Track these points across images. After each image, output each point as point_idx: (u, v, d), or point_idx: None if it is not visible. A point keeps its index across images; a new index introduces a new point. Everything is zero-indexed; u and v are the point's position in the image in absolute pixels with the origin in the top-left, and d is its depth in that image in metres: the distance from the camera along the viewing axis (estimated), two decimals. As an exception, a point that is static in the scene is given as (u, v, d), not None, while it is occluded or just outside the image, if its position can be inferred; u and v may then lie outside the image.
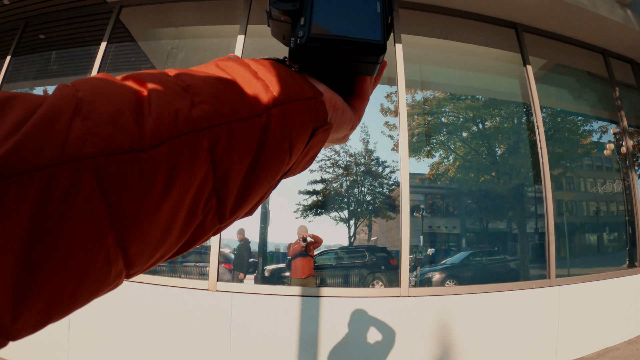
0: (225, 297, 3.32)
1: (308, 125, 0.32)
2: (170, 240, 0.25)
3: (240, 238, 4.29)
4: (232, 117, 0.26)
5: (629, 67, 5.71)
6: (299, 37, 0.33)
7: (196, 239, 0.28)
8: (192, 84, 0.26)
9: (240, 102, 0.28)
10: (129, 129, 0.22)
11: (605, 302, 4.17)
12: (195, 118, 0.25)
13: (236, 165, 0.27)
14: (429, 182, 4.50)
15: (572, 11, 4.66)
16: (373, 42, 0.33)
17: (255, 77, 0.30)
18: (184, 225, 0.25)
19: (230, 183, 0.27)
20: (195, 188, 0.25)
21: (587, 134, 5.36)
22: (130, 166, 0.21)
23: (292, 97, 0.31)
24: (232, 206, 0.28)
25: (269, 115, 0.29)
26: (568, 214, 4.70)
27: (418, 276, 4.18)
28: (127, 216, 0.21)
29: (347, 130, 0.40)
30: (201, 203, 0.25)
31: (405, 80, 3.96)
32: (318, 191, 4.34)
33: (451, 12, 4.52)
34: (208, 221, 0.27)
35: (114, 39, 4.47)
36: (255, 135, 0.28)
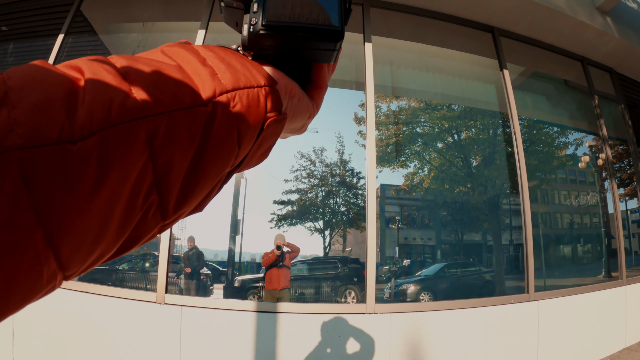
0: (174, 311, 3.11)
1: (259, 114, 0.30)
2: (108, 239, 0.23)
3: (190, 245, 4.17)
4: (173, 105, 0.25)
5: (607, 76, 5.71)
6: (251, 24, 0.32)
7: (138, 238, 0.26)
8: (132, 70, 0.25)
9: (184, 90, 0.26)
10: (58, 119, 0.20)
11: (586, 315, 4.10)
12: (131, 107, 0.23)
13: (178, 158, 0.25)
14: (404, 193, 4.44)
15: (551, 16, 4.63)
16: (330, 28, 0.32)
17: (202, 63, 0.29)
18: (122, 222, 0.24)
19: (171, 176, 0.25)
20: (132, 182, 0.23)
21: (563, 146, 5.37)
22: (57, 159, 0.20)
23: (241, 84, 0.29)
24: (175, 201, 0.26)
25: (215, 104, 0.27)
26: (543, 226, 4.70)
27: (392, 288, 4.13)
28: (56, 213, 0.20)
29: (304, 119, 0.38)
30: (140, 198, 0.24)
31: (374, 85, 3.87)
32: (293, 201, 4.27)
33: (425, 13, 4.45)
34: (149, 218, 0.26)
35: (74, 31, 4.35)
36: (199, 125, 0.26)
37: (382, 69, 4.41)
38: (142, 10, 4.58)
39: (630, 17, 5.65)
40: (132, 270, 4.30)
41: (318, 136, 4.29)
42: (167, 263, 3.27)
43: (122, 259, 4.47)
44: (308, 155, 4.26)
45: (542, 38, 5.02)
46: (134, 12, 4.65)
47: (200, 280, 4.16)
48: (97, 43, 4.79)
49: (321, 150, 4.26)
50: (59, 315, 3.16)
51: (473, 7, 4.43)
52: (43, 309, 3.14)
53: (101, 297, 3.18)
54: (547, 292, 3.97)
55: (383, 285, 4.10)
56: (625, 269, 4.69)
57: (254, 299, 4.16)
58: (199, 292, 4.17)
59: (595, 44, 5.22)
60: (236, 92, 0.29)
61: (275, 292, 3.97)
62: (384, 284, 4.11)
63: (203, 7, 4.05)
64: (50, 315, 3.15)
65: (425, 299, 4.14)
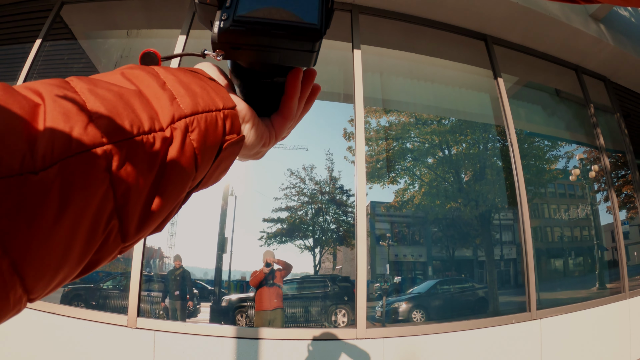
0: (147, 336, 2.96)
1: (217, 137, 0.31)
2: (70, 263, 0.24)
3: (177, 265, 4.06)
4: (132, 132, 0.25)
5: (602, 85, 5.65)
6: (222, 20, 0.31)
7: (99, 261, 0.27)
8: (92, 95, 0.25)
9: (142, 116, 0.26)
10: (19, 149, 0.21)
11: (590, 332, 4.00)
12: (91, 135, 0.23)
13: (138, 184, 0.25)
14: (394, 210, 4.37)
15: (545, 23, 4.56)
16: (307, 25, 0.30)
17: (162, 87, 0.29)
18: (84, 247, 0.24)
19: (131, 202, 0.26)
20: (94, 209, 0.23)
21: (554, 159, 5.33)
22: (19, 189, 0.20)
23: (199, 109, 0.30)
24: (136, 225, 0.27)
25: (173, 129, 0.28)
26: (535, 240, 4.64)
27: (384, 306, 4.05)
28: (20, 242, 0.21)
29: (258, 146, 0.38)
30: (101, 224, 0.24)
31: (364, 97, 3.78)
32: (283, 219, 4.19)
33: (415, 20, 4.36)
34: (111, 242, 0.26)
35: (52, 36, 4.27)
36: (158, 150, 0.26)
37: (371, 78, 4.32)
38: (123, 16, 4.50)
39: (624, 24, 5.59)
40: (115, 289, 4.20)
41: (308, 153, 4.21)
42: (140, 284, 3.15)
43: (107, 276, 4.38)
44: (298, 172, 4.18)
45: (536, 46, 4.95)
46: (115, 19, 4.56)
47: (186, 301, 4.06)
48: (76, 49, 4.68)
49: (311, 167, 4.19)
50: (27, 337, 3.05)
51: (465, 15, 4.34)
52: (11, 330, 3.02)
53: (71, 320, 3.06)
54: (549, 309, 3.85)
55: (374, 303, 4.03)
56: (628, 281, 4.63)
57: (242, 319, 4.07)
58: (184, 314, 4.08)
59: (590, 52, 5.15)
60: (194, 117, 0.29)
61: (267, 314, 3.83)
62: (375, 301, 4.03)
63: (184, 13, 3.98)
64: (19, 337, 3.04)
65: (417, 317, 4.07)
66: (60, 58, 4.67)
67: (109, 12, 4.49)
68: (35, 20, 4.36)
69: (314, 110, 3.73)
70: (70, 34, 4.57)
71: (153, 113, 0.27)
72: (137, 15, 4.49)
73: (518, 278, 4.21)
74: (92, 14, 4.54)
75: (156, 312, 4.03)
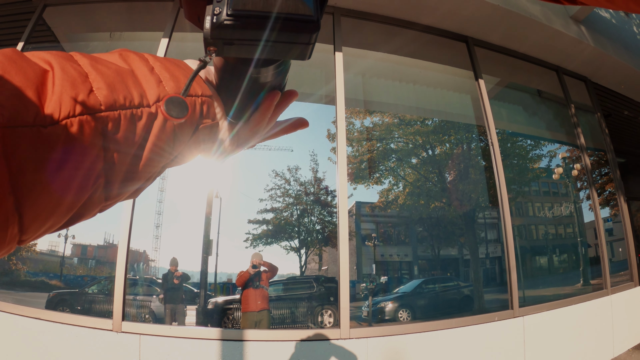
0: (132, 340, 2.95)
1: (193, 118, 0.34)
2: (60, 211, 0.27)
3: (173, 269, 4.04)
4: (125, 105, 0.29)
5: (582, 85, 5.74)
6: (215, 15, 0.30)
7: (83, 214, 0.30)
8: (94, 70, 0.29)
9: (134, 92, 0.30)
10: (33, 104, 0.24)
11: (573, 328, 4.04)
12: (92, 102, 0.27)
13: (124, 149, 0.29)
14: (379, 210, 4.39)
15: (525, 25, 4.62)
16: (304, 17, 0.30)
17: (150, 71, 0.33)
18: (75, 197, 0.28)
19: (118, 164, 0.29)
20: (88, 165, 0.27)
21: (537, 158, 5.40)
22: (31, 139, 0.23)
23: (180, 92, 0.33)
24: (118, 185, 0.31)
25: (158, 106, 0.31)
26: (519, 238, 4.70)
27: (370, 306, 4.06)
28: (26, 184, 0.24)
29: (213, 142, 0.40)
30: (92, 179, 0.28)
31: (345, 98, 3.79)
32: (268, 220, 4.19)
33: (397, 22, 4.39)
34: (96, 197, 0.30)
35: (35, 39, 4.24)
36: (144, 122, 0.30)
37: (353, 80, 4.35)
38: (106, 19, 4.48)
39: (605, 25, 5.70)
40: (100, 293, 4.16)
41: (292, 155, 4.23)
42: (124, 287, 3.12)
43: (93, 280, 4.33)
44: (282, 174, 4.19)
45: (517, 47, 5.02)
46: (98, 21, 4.54)
47: (184, 305, 4.03)
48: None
49: (295, 168, 4.21)
50: (13, 342, 3.01)
51: (446, 16, 4.39)
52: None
53: (56, 325, 3.02)
54: (531, 307, 3.88)
55: (361, 303, 4.04)
56: (611, 278, 4.69)
57: (229, 321, 4.06)
58: (183, 317, 4.05)
59: (570, 53, 5.24)
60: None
61: (253, 315, 3.83)
62: (361, 301, 4.05)
63: (167, 16, 3.98)
64: (4, 343, 3.01)
65: (404, 316, 4.09)
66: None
67: (91, 15, 4.46)
68: (18, 23, 4.33)
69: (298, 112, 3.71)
70: (53, 36, 4.55)
71: (142, 91, 0.31)
72: (120, 17, 4.46)
73: (503, 276, 4.25)
74: (75, 17, 4.51)
75: (142, 316, 4.00)
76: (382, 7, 4.22)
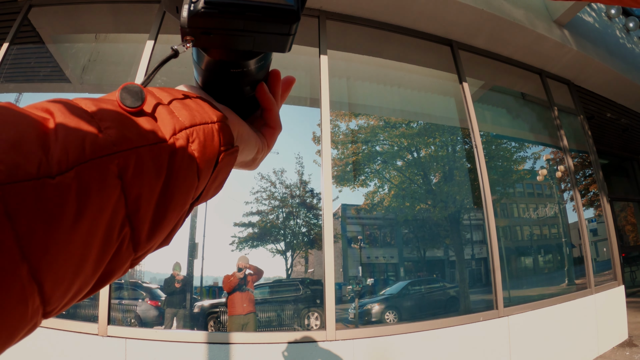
0: (118, 344, 2.92)
1: (214, 148, 0.32)
2: (86, 272, 0.24)
3: (176, 274, 4.02)
4: (140, 142, 0.26)
5: (566, 88, 5.84)
6: (192, 2, 0.29)
7: (112, 271, 0.27)
8: (99, 110, 0.26)
9: (147, 128, 0.28)
10: (35, 155, 0.21)
11: (558, 327, 4.08)
12: (102, 143, 0.24)
13: (147, 191, 0.26)
14: (365, 212, 4.41)
15: (509, 29, 4.69)
16: (283, 6, 0.29)
17: (160, 104, 0.30)
18: (99, 255, 0.24)
19: (142, 209, 0.26)
20: (109, 215, 0.24)
21: (521, 160, 5.47)
22: (38, 193, 0.21)
23: (197, 121, 0.31)
24: (147, 233, 0.28)
25: (175, 139, 0.29)
26: (504, 239, 4.75)
27: (357, 308, 4.07)
28: (39, 246, 0.21)
29: (252, 153, 0.39)
30: (115, 230, 0.25)
31: (330, 101, 3.81)
32: (254, 223, 4.18)
33: (382, 25, 4.43)
34: (123, 250, 0.27)
35: (20, 39, 4.21)
36: (164, 160, 0.27)
37: (338, 83, 4.37)
38: (91, 20, 4.45)
39: (587, 29, 5.80)
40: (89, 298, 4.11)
41: (278, 157, 4.23)
42: (109, 291, 3.10)
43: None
44: (268, 176, 4.19)
45: (500, 51, 5.08)
46: (83, 23, 4.50)
47: (185, 309, 4.00)
48: (43, 52, 4.61)
49: (281, 171, 4.21)
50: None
51: (431, 20, 4.43)
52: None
53: (40, 329, 2.95)
54: (516, 307, 3.92)
55: (347, 305, 4.05)
56: (595, 277, 4.76)
57: (214, 324, 4.04)
58: (186, 322, 4.02)
59: (554, 56, 5.32)
60: (193, 128, 0.30)
61: (240, 318, 3.83)
62: (348, 304, 4.05)
63: (152, 18, 3.97)
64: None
65: (390, 318, 4.11)
66: (27, 62, 4.60)
67: (76, 16, 4.43)
68: (3, 23, 4.29)
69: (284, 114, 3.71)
70: (38, 37, 4.50)
71: (155, 126, 0.28)
72: (105, 19, 4.44)
73: (489, 276, 4.29)
74: (60, 17, 4.48)
75: (128, 320, 3.97)
76: (368, 10, 4.26)
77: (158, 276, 4.19)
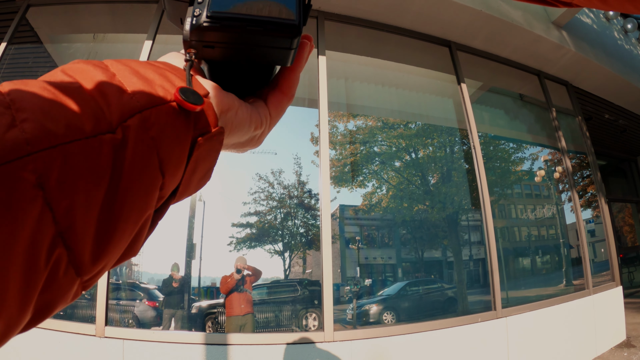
0: (116, 345, 2.92)
1: (184, 133, 0.26)
2: (8, 308, 0.19)
3: (175, 275, 4.02)
4: (69, 136, 0.20)
5: (564, 89, 5.85)
6: (194, 16, 0.29)
7: (53, 301, 0.21)
8: (18, 97, 0.20)
9: (84, 116, 0.21)
10: None
11: (556, 328, 4.09)
12: (11, 142, 0.19)
13: (83, 200, 0.21)
14: (362, 213, 4.41)
15: (508, 30, 4.69)
16: (285, 22, 0.29)
17: (110, 79, 0.24)
18: (23, 286, 0.19)
19: (79, 224, 0.20)
20: (27, 236, 0.18)
21: (519, 161, 5.48)
22: None
23: (157, 100, 0.25)
24: (91, 253, 0.21)
25: (125, 127, 0.23)
26: (502, 240, 4.76)
27: (355, 309, 4.07)
28: None
29: (248, 132, 0.33)
30: (41, 255, 0.19)
31: (328, 102, 3.82)
32: (252, 224, 4.17)
33: (381, 26, 4.44)
34: (61, 276, 0.21)
35: (18, 39, 4.21)
36: (107, 156, 0.22)
37: (336, 84, 4.38)
38: (89, 20, 4.45)
39: (585, 31, 5.81)
40: (82, 298, 4.10)
41: (276, 158, 4.23)
42: (107, 292, 3.09)
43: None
44: (266, 177, 4.18)
45: (499, 52, 5.09)
46: (81, 23, 4.50)
47: (184, 310, 3.99)
48: (41, 52, 4.62)
49: (279, 172, 4.20)
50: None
51: (429, 21, 4.44)
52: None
53: (37, 330, 2.95)
54: (514, 307, 3.92)
55: (345, 306, 4.05)
56: (593, 278, 4.76)
57: (212, 325, 4.03)
58: (184, 323, 4.02)
59: (552, 58, 5.33)
60: (151, 109, 0.24)
61: (238, 319, 3.83)
62: (346, 304, 4.05)
63: (150, 18, 3.97)
64: None
65: (388, 318, 4.11)
66: (25, 62, 4.59)
67: (75, 16, 4.43)
68: (1, 23, 4.28)
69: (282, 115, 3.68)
70: (35, 37, 4.50)
71: (97, 111, 0.22)
72: (104, 19, 4.44)
73: (487, 277, 4.30)
74: (58, 17, 4.47)
75: (125, 321, 3.96)
76: (366, 11, 4.26)
77: (156, 277, 4.18)
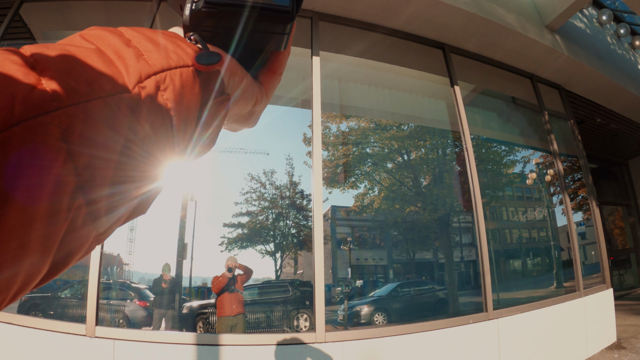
0: (106, 345, 2.90)
1: (195, 96, 0.28)
2: (32, 256, 0.20)
3: (166, 276, 4.01)
4: (90, 94, 0.22)
5: (556, 92, 5.89)
6: (194, 2, 0.30)
7: (71, 253, 0.23)
8: (42, 58, 0.21)
9: (103, 76, 0.23)
10: None
11: (547, 330, 4.10)
12: (37, 99, 0.20)
13: (102, 154, 0.22)
14: (354, 214, 4.42)
15: (501, 33, 4.71)
16: (279, 7, 0.31)
17: (126, 44, 0.26)
18: (45, 235, 0.20)
19: (97, 178, 0.22)
20: (51, 187, 0.20)
21: (511, 164, 5.51)
22: None
23: (172, 64, 0.27)
24: (106, 207, 0.23)
25: (141, 88, 0.24)
26: (494, 242, 4.78)
27: (346, 310, 4.08)
28: None
29: (249, 104, 0.35)
30: (63, 205, 0.21)
31: (321, 102, 3.81)
32: (243, 224, 4.17)
33: (375, 28, 4.43)
34: (78, 227, 0.22)
35: (10, 35, 4.16)
36: (124, 114, 0.23)
37: (329, 85, 4.37)
38: (83, 17, 4.42)
39: (578, 35, 5.85)
40: (73, 297, 4.07)
41: (268, 158, 4.23)
42: (97, 292, 3.07)
43: (65, 284, 4.23)
44: (258, 177, 4.18)
45: (492, 55, 5.12)
46: (75, 19, 4.47)
47: (175, 310, 3.98)
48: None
49: (271, 172, 4.20)
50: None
51: (424, 24, 4.45)
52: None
53: (28, 330, 2.95)
54: (505, 309, 3.93)
55: (336, 307, 4.05)
56: (583, 280, 4.79)
57: (203, 325, 4.02)
58: (175, 323, 4.00)
59: (545, 61, 5.36)
60: (166, 72, 0.26)
61: (229, 319, 3.81)
62: (337, 305, 4.06)
63: (144, 15, 3.94)
64: None
65: (379, 319, 4.11)
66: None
67: (68, 12, 4.41)
68: (-5, 18, 4.27)
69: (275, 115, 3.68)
70: (28, 32, 4.46)
71: (116, 72, 0.24)
72: (97, 15, 4.41)
73: (478, 279, 4.32)
74: (52, 13, 4.44)
75: (116, 321, 3.94)
76: (360, 12, 4.26)
77: (147, 276, 4.16)
